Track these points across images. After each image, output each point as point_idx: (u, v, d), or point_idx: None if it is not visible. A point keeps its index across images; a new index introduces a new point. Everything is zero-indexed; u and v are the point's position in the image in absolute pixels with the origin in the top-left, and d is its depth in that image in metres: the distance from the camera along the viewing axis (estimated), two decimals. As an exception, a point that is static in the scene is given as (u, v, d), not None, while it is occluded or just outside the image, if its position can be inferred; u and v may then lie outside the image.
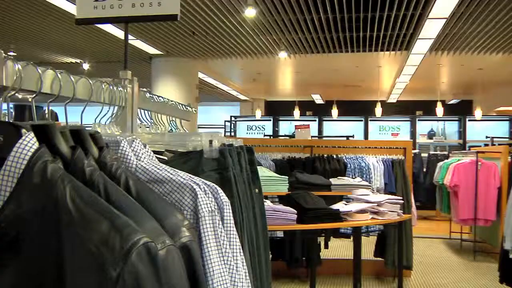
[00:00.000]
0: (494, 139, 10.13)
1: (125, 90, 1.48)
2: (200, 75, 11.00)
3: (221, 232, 1.10)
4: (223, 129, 14.45)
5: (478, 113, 11.74)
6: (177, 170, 1.15)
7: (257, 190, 1.63)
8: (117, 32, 7.53)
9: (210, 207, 1.08)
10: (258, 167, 4.37)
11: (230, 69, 11.81)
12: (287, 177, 4.03)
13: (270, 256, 5.35)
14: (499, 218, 6.02)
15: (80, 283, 0.76)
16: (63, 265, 0.77)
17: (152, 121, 1.83)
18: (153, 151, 1.31)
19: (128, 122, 1.49)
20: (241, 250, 1.18)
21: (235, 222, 1.25)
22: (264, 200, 3.53)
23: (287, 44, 8.46)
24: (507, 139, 11.02)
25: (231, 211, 1.16)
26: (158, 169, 1.12)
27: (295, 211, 3.36)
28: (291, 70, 11.55)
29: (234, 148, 1.46)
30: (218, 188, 1.15)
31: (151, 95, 1.70)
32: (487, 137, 10.68)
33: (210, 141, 1.36)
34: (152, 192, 1.06)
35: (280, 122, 13.32)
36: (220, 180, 1.34)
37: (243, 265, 1.16)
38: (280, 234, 5.08)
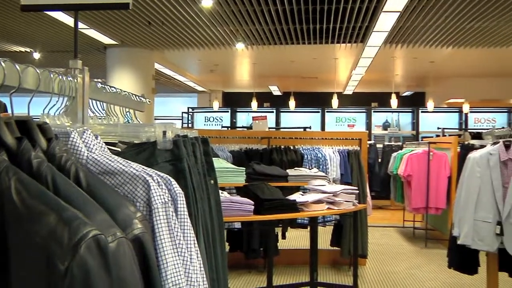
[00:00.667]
0: (445, 130, 10.48)
1: (75, 80, 1.44)
2: (157, 65, 10.85)
3: (175, 223, 1.09)
4: (181, 121, 14.32)
5: (430, 105, 12.09)
6: (129, 162, 1.13)
7: (212, 181, 1.62)
8: (70, 20, 7.31)
9: (164, 198, 1.07)
10: (215, 158, 4.35)
11: (187, 60, 11.69)
12: (244, 168, 4.04)
13: (228, 247, 5.37)
14: (449, 207, 6.24)
15: (27, 278, 0.74)
16: (8, 259, 0.74)
17: (104, 112, 1.79)
18: (106, 142, 1.28)
19: (79, 113, 1.45)
20: (196, 242, 1.17)
21: (189, 213, 1.24)
22: (221, 191, 3.53)
23: (244, 35, 8.44)
24: (457, 130, 11.41)
25: (185, 202, 1.15)
26: (110, 160, 1.10)
27: (252, 202, 3.37)
28: (249, 61, 11.54)
29: (188, 139, 1.45)
30: (172, 179, 1.14)
31: (103, 85, 1.66)
32: (438, 128, 11.04)
33: (164, 132, 1.35)
34: (103, 184, 1.04)
35: (238, 114, 13.32)
36: (174, 171, 1.33)
37: (197, 257, 1.15)
38: (237, 226, 5.09)
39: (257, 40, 8.76)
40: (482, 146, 4.41)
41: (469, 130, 10.51)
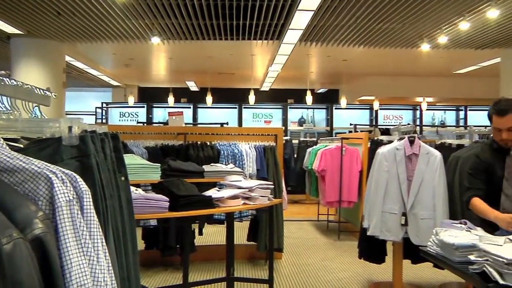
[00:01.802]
0: (357, 126, 10.93)
1: (-30, 71, 1.34)
2: (68, 58, 10.37)
3: (81, 222, 1.05)
4: (94, 116, 13.83)
5: (343, 102, 12.57)
6: (31, 159, 1.07)
7: (123, 178, 1.57)
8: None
9: (68, 196, 1.03)
10: (129, 155, 4.22)
11: (101, 53, 11.30)
12: (159, 164, 3.98)
13: (144, 245, 5.27)
14: (360, 200, 6.51)
15: None
16: None
17: (4, 106, 1.68)
18: (6, 138, 1.21)
19: (-27, 106, 1.35)
20: (104, 241, 1.13)
21: (97, 211, 1.20)
22: (136, 188, 3.45)
23: (160, 29, 8.28)
24: (368, 126, 11.94)
25: (91, 200, 1.11)
26: (9, 157, 1.04)
27: (167, 198, 3.32)
28: (165, 56, 11.37)
29: (97, 135, 1.40)
30: (77, 177, 1.10)
31: (1, 78, 1.56)
32: (351, 124, 11.49)
33: (70, 127, 1.29)
34: (0, 183, 0.97)
35: (154, 109, 13.09)
36: (81, 168, 1.28)
37: (105, 256, 1.11)
38: (153, 223, 5.00)
39: (173, 34, 8.64)
40: (390, 142, 4.65)
41: (379, 126, 11.02)
